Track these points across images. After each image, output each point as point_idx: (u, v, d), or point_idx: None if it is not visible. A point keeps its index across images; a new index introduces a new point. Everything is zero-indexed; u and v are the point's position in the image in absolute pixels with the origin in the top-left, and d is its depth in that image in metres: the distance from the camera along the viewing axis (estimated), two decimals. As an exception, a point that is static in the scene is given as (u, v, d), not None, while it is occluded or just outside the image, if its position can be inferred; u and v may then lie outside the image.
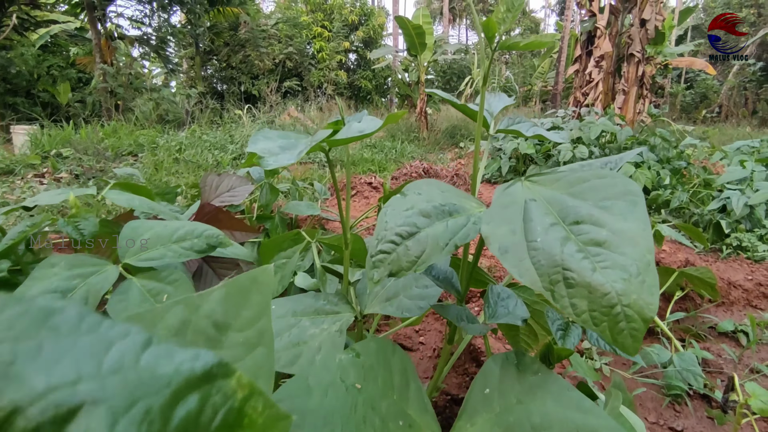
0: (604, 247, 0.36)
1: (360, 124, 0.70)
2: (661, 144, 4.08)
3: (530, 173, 0.51)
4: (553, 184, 0.43)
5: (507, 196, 0.44)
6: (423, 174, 4.31)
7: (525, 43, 0.56)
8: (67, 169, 4.43)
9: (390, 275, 0.46)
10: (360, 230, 2.13)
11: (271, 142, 0.61)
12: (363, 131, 0.66)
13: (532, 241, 0.38)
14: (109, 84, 8.78)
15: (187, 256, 0.69)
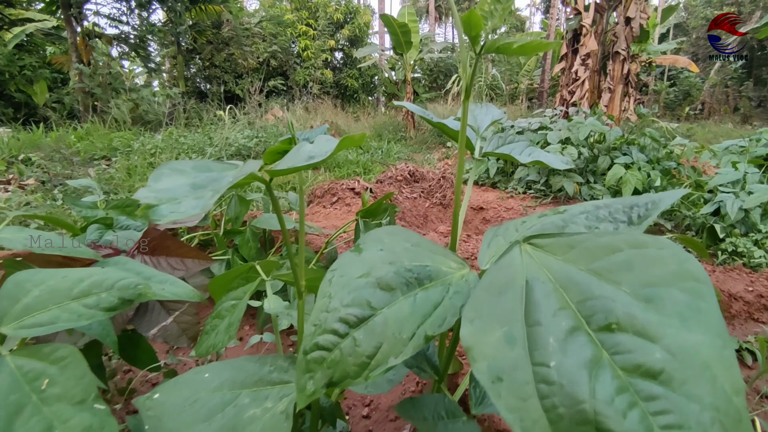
0: (661, 381, 0.22)
1: (311, 147, 0.55)
2: (651, 144, 4.00)
3: (533, 233, 0.37)
4: (567, 252, 0.29)
5: (501, 271, 0.30)
6: (409, 177, 4.18)
7: (519, 46, 0.42)
8: (35, 176, 4.19)
9: (329, 384, 0.32)
10: (339, 244, 1.98)
11: (181, 178, 0.46)
12: (313, 157, 0.51)
13: (541, 365, 0.24)
14: (85, 84, 8.47)
15: (90, 317, 0.53)
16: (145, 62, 11.48)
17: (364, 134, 0.50)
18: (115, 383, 1.40)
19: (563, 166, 0.56)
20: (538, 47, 0.42)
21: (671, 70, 21.67)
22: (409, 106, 0.61)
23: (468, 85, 0.46)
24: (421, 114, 0.60)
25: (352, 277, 0.37)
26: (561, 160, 0.57)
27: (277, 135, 5.95)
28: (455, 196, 0.49)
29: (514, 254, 0.31)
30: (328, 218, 2.71)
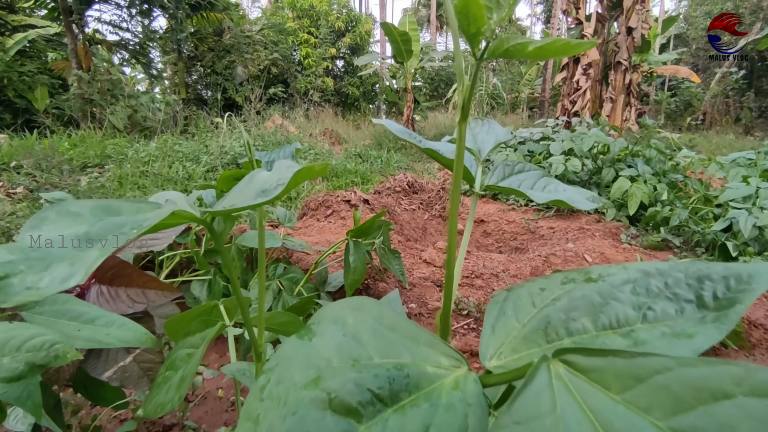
0: None
1: (266, 177, 0.44)
2: (657, 156, 3.89)
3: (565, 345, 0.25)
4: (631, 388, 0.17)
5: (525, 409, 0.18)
6: (407, 188, 4.06)
7: (537, 48, 0.30)
8: (24, 184, 4.09)
9: None
10: (330, 263, 1.86)
11: (71, 224, 0.34)
12: (265, 192, 0.40)
13: None
14: (84, 90, 8.41)
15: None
16: (146, 69, 11.45)
17: (327, 165, 0.39)
18: (80, 419, 1.28)
19: (589, 205, 0.45)
20: (564, 49, 0.30)
21: (672, 80, 21.69)
22: (390, 125, 0.50)
23: (465, 100, 0.34)
24: (406, 136, 0.48)
25: (293, 387, 0.25)
26: (586, 197, 0.45)
27: (275, 143, 5.85)
28: (449, 245, 0.37)
29: (540, 383, 0.19)
30: (322, 232, 2.59)
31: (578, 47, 0.30)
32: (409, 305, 1.80)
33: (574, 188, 0.47)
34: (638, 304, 0.27)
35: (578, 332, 0.27)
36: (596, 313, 0.27)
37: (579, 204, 0.44)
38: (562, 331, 0.27)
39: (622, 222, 3.61)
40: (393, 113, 15.68)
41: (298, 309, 1.47)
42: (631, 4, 9.39)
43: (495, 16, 0.31)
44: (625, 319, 0.26)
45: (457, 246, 0.46)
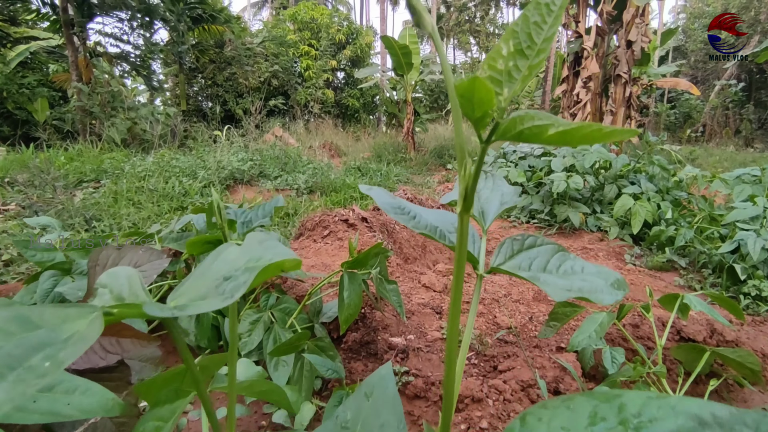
0: None
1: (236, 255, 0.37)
2: (660, 173, 3.83)
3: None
4: None
5: None
6: (407, 205, 3.99)
7: (559, 132, 0.23)
8: (16, 200, 4.02)
9: None
10: (325, 294, 1.78)
11: None
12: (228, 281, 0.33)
13: None
14: (84, 103, 8.39)
15: None
16: (147, 81, 11.47)
17: (299, 261, 0.32)
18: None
19: (614, 296, 0.38)
20: (594, 136, 0.23)
21: (671, 92, 21.78)
22: (379, 197, 0.43)
23: (468, 188, 0.27)
24: (396, 215, 0.41)
25: None
26: (610, 282, 0.38)
27: (273, 158, 5.80)
28: (447, 350, 0.30)
29: None
30: (318, 254, 2.52)
31: (612, 135, 0.23)
32: (408, 337, 1.72)
33: (595, 269, 0.40)
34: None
35: None
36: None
37: (602, 297, 0.37)
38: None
39: (625, 241, 3.53)
40: (393, 125, 15.70)
41: (290, 346, 1.39)
42: (631, 17, 9.43)
43: (506, 92, 0.25)
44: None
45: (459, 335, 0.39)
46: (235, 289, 0.34)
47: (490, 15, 28.13)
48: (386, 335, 1.69)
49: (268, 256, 0.39)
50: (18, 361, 0.26)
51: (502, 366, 1.36)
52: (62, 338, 0.29)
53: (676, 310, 1.43)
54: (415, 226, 0.40)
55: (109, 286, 0.43)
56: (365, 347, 1.55)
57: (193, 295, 0.37)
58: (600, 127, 0.23)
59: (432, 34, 0.28)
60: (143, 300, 0.40)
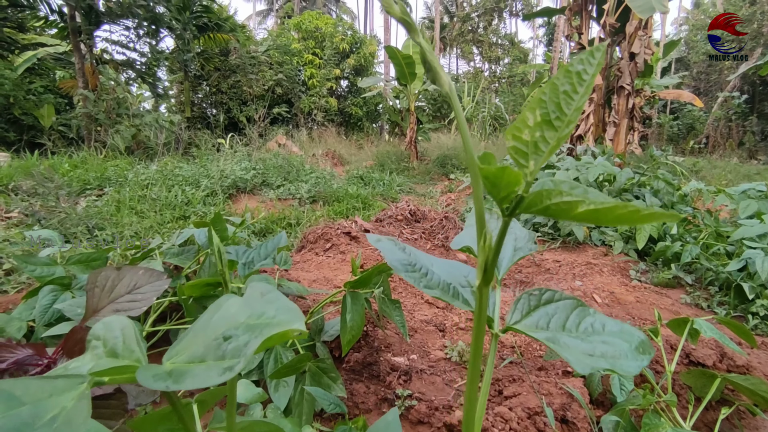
0: None
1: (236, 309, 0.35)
2: (665, 188, 3.81)
3: None
4: None
5: None
6: (409, 216, 3.98)
7: (589, 210, 0.22)
8: (20, 207, 4.02)
9: None
10: (327, 313, 1.76)
11: None
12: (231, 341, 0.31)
13: None
14: (89, 109, 8.44)
15: None
16: (152, 88, 11.55)
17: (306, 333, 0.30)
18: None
19: (638, 363, 0.35)
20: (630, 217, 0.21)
21: (674, 103, 21.81)
22: (388, 253, 0.41)
23: (488, 261, 0.25)
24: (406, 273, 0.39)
25: None
26: (634, 345, 0.35)
27: (276, 167, 5.80)
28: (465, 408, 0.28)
29: None
30: (321, 268, 2.49)
31: (651, 218, 0.21)
32: (410, 356, 1.69)
33: (617, 327, 0.37)
34: None
35: None
36: None
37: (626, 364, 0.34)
38: None
39: (630, 256, 3.50)
40: (396, 133, 15.73)
41: (291, 368, 1.37)
42: (634, 30, 9.47)
43: (532, 165, 0.23)
44: None
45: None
46: (236, 354, 0.32)
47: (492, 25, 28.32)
48: (389, 355, 1.66)
49: (271, 312, 0.37)
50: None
51: (508, 391, 1.33)
52: (47, 417, 0.26)
53: (685, 336, 1.40)
54: (426, 286, 0.37)
55: (103, 338, 0.41)
56: (367, 368, 1.53)
57: (192, 354, 0.35)
58: (637, 209, 0.21)
59: (450, 95, 0.26)
60: (138, 359, 0.38)
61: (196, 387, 0.30)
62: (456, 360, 1.71)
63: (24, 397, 0.28)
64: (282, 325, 0.34)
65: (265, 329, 0.34)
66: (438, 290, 0.37)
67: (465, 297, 0.37)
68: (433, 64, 0.26)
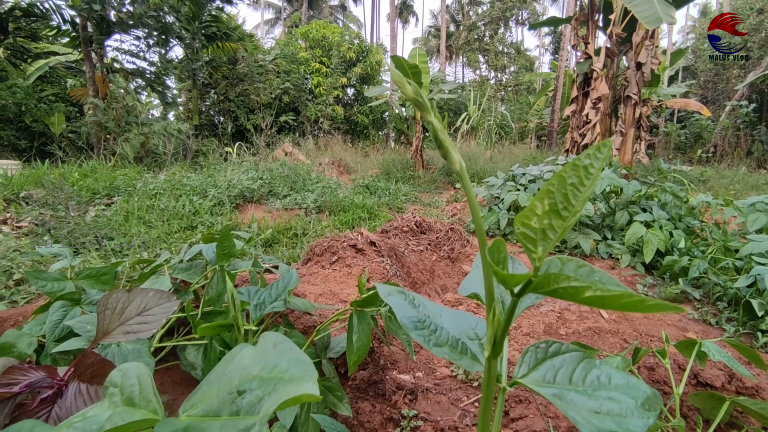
0: None
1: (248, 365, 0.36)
2: (673, 201, 3.79)
3: None
4: None
5: None
6: (415, 228, 3.98)
7: (595, 296, 0.22)
8: (30, 216, 4.08)
9: None
10: (334, 330, 1.76)
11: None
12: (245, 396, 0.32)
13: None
14: (99, 118, 8.57)
15: None
16: (161, 97, 11.70)
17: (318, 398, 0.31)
18: None
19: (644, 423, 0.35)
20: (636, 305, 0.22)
21: (681, 112, 21.71)
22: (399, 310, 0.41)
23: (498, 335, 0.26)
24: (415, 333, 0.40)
25: None
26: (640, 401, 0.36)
27: (282, 177, 5.84)
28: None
29: None
30: (327, 281, 2.50)
31: (655, 308, 0.22)
32: (416, 374, 1.69)
33: (623, 380, 0.37)
34: None
35: None
36: None
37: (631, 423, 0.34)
38: None
39: (637, 270, 3.48)
40: (402, 141, 15.78)
41: (296, 387, 1.37)
42: (641, 39, 9.47)
43: (540, 251, 0.24)
44: None
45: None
46: (251, 410, 0.33)
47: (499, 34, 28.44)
48: (394, 372, 1.66)
49: (283, 365, 0.38)
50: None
51: (514, 413, 1.33)
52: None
53: (693, 358, 1.39)
54: (435, 344, 0.38)
55: (120, 386, 0.42)
56: (373, 386, 1.53)
57: (207, 407, 0.36)
58: (642, 299, 0.22)
59: (461, 173, 0.27)
60: (155, 409, 0.39)
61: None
62: (462, 378, 1.71)
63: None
64: (294, 380, 0.35)
65: (278, 384, 0.35)
66: (447, 347, 0.37)
67: (473, 352, 0.37)
68: (445, 143, 0.27)
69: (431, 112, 0.28)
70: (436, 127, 0.27)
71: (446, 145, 0.27)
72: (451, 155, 0.27)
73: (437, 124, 0.27)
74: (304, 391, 0.32)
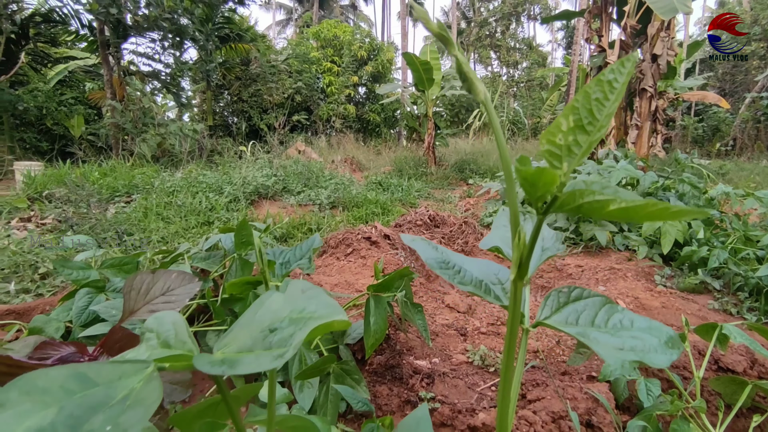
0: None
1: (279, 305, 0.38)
2: (691, 191, 3.72)
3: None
4: None
5: None
6: (429, 221, 3.99)
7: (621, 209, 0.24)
8: (54, 214, 4.19)
9: None
10: (350, 316, 1.78)
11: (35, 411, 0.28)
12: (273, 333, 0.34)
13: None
14: (117, 119, 8.75)
15: None
16: (176, 98, 11.89)
17: (348, 323, 0.32)
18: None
19: (666, 358, 0.36)
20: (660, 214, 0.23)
21: (698, 105, 21.23)
22: (423, 251, 0.43)
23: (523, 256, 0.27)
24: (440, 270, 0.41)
25: None
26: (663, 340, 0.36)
27: (296, 174, 5.90)
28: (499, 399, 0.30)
29: None
30: (342, 272, 2.53)
31: (680, 214, 0.23)
32: (432, 360, 1.70)
33: (645, 323, 0.38)
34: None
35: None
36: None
37: (656, 357, 0.35)
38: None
39: (654, 261, 3.43)
40: (413, 139, 15.77)
41: (316, 369, 1.40)
42: (656, 31, 9.29)
43: (565, 166, 0.25)
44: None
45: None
46: (283, 344, 0.35)
47: (510, 30, 28.19)
48: (411, 358, 1.67)
49: (312, 307, 0.39)
50: (79, 423, 0.27)
51: (531, 395, 1.33)
52: (119, 397, 0.30)
53: (714, 341, 1.38)
54: (460, 282, 0.40)
55: (155, 331, 0.44)
56: (390, 371, 1.54)
57: (240, 345, 0.37)
58: (667, 206, 0.23)
59: (485, 102, 0.28)
60: (190, 349, 0.41)
61: (249, 372, 0.32)
62: (478, 364, 1.72)
63: (97, 379, 0.31)
64: (323, 318, 0.37)
65: (308, 322, 0.37)
66: (471, 286, 0.39)
67: (496, 293, 0.39)
68: (469, 75, 0.28)
69: (455, 46, 0.29)
70: (460, 61, 0.28)
71: (470, 77, 0.28)
72: (475, 86, 0.28)
73: (461, 58, 0.28)
74: (336, 318, 0.34)
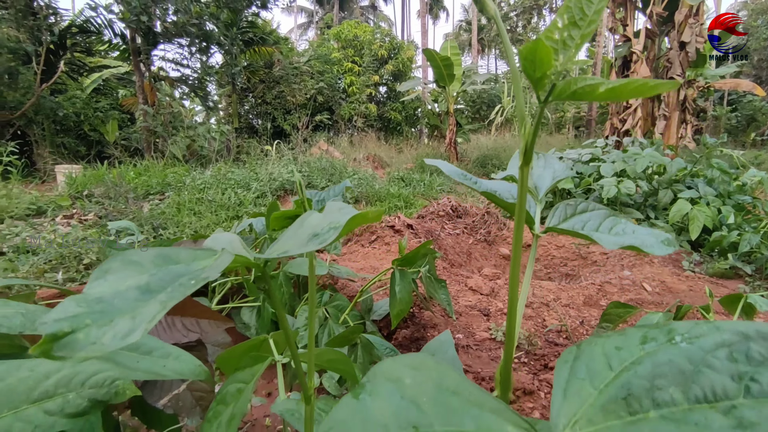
0: None
1: (318, 219, 0.44)
2: (720, 177, 3.63)
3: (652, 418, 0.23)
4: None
5: None
6: (451, 212, 4.02)
7: (609, 89, 0.29)
8: (94, 211, 4.43)
9: None
10: (375, 293, 1.85)
11: (132, 275, 0.35)
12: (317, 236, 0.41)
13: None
14: (149, 123, 9.12)
15: (49, 427, 0.43)
16: (203, 102, 12.27)
17: (382, 211, 0.39)
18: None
19: (665, 250, 0.41)
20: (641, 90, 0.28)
21: (732, 95, 20.36)
22: (444, 166, 0.49)
23: (528, 144, 0.33)
24: (461, 179, 0.47)
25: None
26: (660, 239, 0.41)
27: (320, 169, 6.03)
28: (510, 289, 0.36)
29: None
30: (367, 258, 2.60)
31: (657, 88, 0.28)
32: (456, 335, 1.75)
33: (645, 230, 0.43)
34: (738, 374, 0.24)
35: (666, 404, 0.24)
36: (687, 383, 0.24)
37: (653, 249, 0.40)
38: (646, 401, 0.24)
39: (683, 247, 3.36)
40: (435, 136, 15.76)
41: (343, 339, 1.47)
42: (684, 18, 9.01)
43: (561, 58, 0.31)
44: (723, 391, 0.23)
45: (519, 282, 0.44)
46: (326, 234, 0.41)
47: (532, 24, 27.75)
48: (435, 333, 1.73)
49: (347, 219, 0.46)
50: (169, 281, 0.34)
51: (553, 364, 1.36)
52: (196, 269, 0.37)
53: (739, 312, 1.37)
54: (477, 187, 0.45)
55: (216, 247, 0.51)
56: (415, 343, 1.60)
57: (288, 248, 0.44)
58: (645, 82, 0.28)
59: (495, 18, 0.34)
60: (249, 254, 0.48)
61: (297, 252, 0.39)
62: (501, 339, 1.75)
63: (177, 259, 0.38)
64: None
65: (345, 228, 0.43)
66: (487, 189, 0.44)
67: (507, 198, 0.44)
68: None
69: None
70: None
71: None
72: (486, 4, 0.34)
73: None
74: (370, 215, 0.40)
